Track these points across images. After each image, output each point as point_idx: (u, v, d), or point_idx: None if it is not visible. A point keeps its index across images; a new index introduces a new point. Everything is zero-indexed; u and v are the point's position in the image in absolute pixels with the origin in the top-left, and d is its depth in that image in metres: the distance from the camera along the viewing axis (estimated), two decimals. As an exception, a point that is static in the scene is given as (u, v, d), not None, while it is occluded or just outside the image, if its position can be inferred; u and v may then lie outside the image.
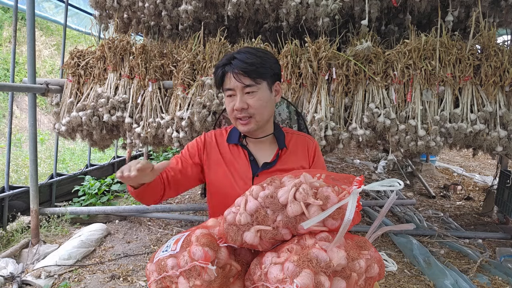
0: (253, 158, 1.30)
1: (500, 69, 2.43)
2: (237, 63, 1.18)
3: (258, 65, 1.19)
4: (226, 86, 1.22)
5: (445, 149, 2.86)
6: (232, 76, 1.18)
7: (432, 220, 3.70)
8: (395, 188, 0.81)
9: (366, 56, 2.56)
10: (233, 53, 1.22)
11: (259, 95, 1.21)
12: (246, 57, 1.19)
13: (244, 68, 1.17)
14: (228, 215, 0.93)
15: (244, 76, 1.18)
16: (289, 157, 1.32)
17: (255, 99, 1.20)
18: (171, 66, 2.82)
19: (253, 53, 1.21)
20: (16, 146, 6.11)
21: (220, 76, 1.22)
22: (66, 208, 3.27)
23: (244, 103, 1.20)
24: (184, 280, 0.87)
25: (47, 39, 9.01)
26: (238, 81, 1.18)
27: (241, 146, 1.32)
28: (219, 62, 1.24)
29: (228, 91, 1.22)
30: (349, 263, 0.80)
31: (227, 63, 1.20)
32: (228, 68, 1.19)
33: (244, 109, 1.20)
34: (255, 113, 1.22)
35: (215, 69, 1.25)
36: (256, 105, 1.21)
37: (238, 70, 1.17)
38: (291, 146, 1.35)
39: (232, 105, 1.22)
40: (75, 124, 2.75)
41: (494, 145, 2.46)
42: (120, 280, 2.40)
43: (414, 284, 2.43)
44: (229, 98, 1.23)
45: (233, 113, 1.23)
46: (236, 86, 1.19)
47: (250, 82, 1.19)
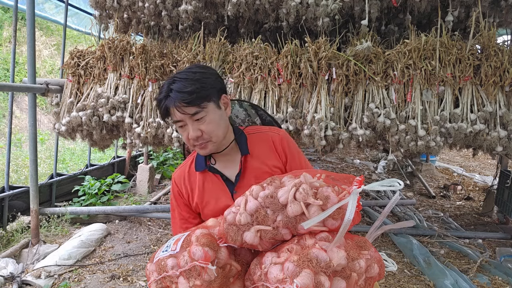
0: (225, 178, 1.25)
1: (500, 69, 2.43)
2: (176, 96, 1.10)
3: (198, 90, 1.12)
4: (173, 119, 1.16)
5: (445, 149, 2.86)
6: (174, 109, 1.12)
7: (432, 220, 3.70)
8: (395, 188, 0.81)
9: (366, 56, 2.56)
10: (169, 82, 1.15)
11: (209, 119, 1.15)
12: (183, 86, 1.11)
13: (184, 99, 1.10)
14: (228, 215, 0.93)
15: (187, 107, 1.11)
16: (254, 161, 1.25)
17: (206, 124, 1.14)
18: (171, 66, 2.81)
19: (190, 79, 1.13)
20: (16, 146, 6.11)
21: (164, 111, 1.15)
22: (66, 208, 3.27)
23: (197, 130, 1.14)
24: (184, 280, 0.87)
25: (47, 39, 9.01)
26: (183, 113, 1.11)
27: (210, 170, 1.26)
28: (158, 95, 1.17)
29: (177, 122, 1.16)
30: (349, 263, 0.80)
31: (165, 98, 1.13)
32: (169, 103, 1.12)
33: (199, 137, 1.15)
34: (211, 136, 1.16)
35: (157, 103, 1.18)
36: (209, 129, 1.15)
37: (179, 103, 1.10)
38: (256, 148, 1.27)
39: (186, 134, 1.17)
40: (75, 124, 2.75)
41: (494, 145, 2.46)
42: (120, 280, 2.40)
43: (414, 284, 2.43)
44: (181, 129, 1.18)
45: (190, 142, 1.18)
46: (183, 117, 1.13)
47: (196, 109, 1.12)
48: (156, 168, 5.20)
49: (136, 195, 4.36)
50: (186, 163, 1.34)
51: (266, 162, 1.25)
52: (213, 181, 1.26)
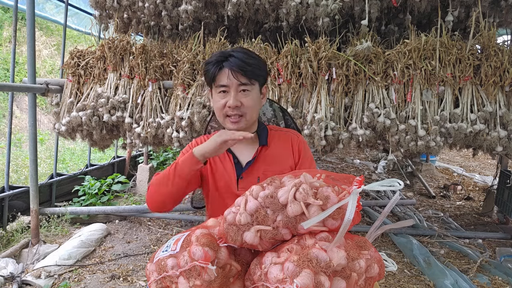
0: (237, 161, 1.30)
1: (500, 69, 2.43)
2: (235, 61, 1.18)
3: (255, 66, 1.21)
4: (219, 82, 1.21)
5: (445, 149, 2.86)
6: (230, 73, 1.18)
7: (432, 220, 3.71)
8: (395, 188, 0.81)
9: (366, 56, 2.56)
10: (227, 51, 1.22)
11: (252, 95, 1.22)
12: (244, 57, 1.19)
13: (243, 67, 1.18)
14: (228, 215, 0.93)
15: (241, 75, 1.18)
16: (270, 154, 1.31)
17: (248, 98, 1.21)
18: (171, 66, 2.82)
19: (249, 54, 1.22)
20: (16, 146, 6.11)
21: (213, 72, 1.20)
22: (66, 208, 3.27)
23: (238, 101, 1.20)
24: (184, 280, 0.87)
25: (47, 39, 9.01)
26: (235, 79, 1.18)
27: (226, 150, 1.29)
28: (211, 58, 1.23)
29: (221, 87, 1.21)
30: (349, 263, 0.80)
31: (223, 60, 1.20)
32: (226, 65, 1.18)
33: (237, 107, 1.20)
34: (246, 112, 1.22)
35: (206, 65, 1.24)
36: (249, 104, 1.22)
37: (236, 67, 1.17)
38: (274, 143, 1.33)
39: (224, 101, 1.21)
40: (75, 124, 2.75)
41: (494, 145, 2.46)
42: (120, 280, 2.40)
43: (414, 284, 2.43)
44: (221, 94, 1.22)
45: (224, 110, 1.22)
46: (232, 83, 1.19)
47: (246, 81, 1.19)
48: (156, 168, 5.20)
49: (136, 195, 4.36)
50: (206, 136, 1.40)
51: (280, 158, 1.31)
52: (225, 160, 1.31)
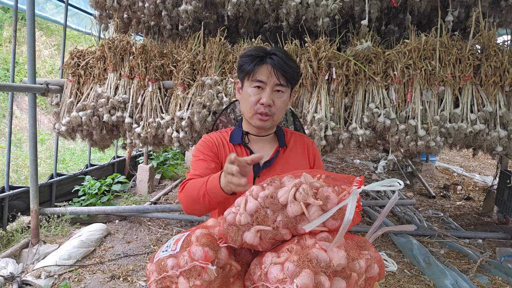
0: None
1: (500, 69, 2.43)
2: (278, 60, 1.18)
3: (294, 69, 1.22)
4: (257, 77, 1.20)
5: (445, 149, 2.86)
6: (272, 70, 1.18)
7: (432, 220, 3.70)
8: (395, 188, 0.81)
9: (366, 56, 2.56)
10: (267, 48, 1.23)
11: (284, 97, 1.24)
12: (285, 58, 1.20)
13: (285, 68, 1.19)
14: (228, 215, 0.93)
15: (281, 75, 1.19)
16: (289, 155, 1.32)
17: (281, 100, 1.23)
18: (171, 66, 2.82)
19: (290, 57, 1.23)
20: (16, 146, 6.11)
21: (253, 65, 1.20)
22: (66, 208, 3.27)
23: (271, 100, 1.21)
24: (184, 280, 0.87)
25: (47, 39, 9.01)
26: (275, 77, 1.19)
27: (244, 146, 1.31)
28: (250, 52, 1.23)
29: (258, 82, 1.20)
30: (349, 263, 0.80)
31: (265, 56, 1.20)
32: (269, 61, 1.19)
33: (269, 106, 1.21)
34: (276, 113, 1.23)
35: (244, 57, 1.23)
36: (280, 105, 1.23)
37: (279, 67, 1.18)
38: (291, 144, 1.35)
39: (257, 98, 1.21)
40: (75, 124, 2.75)
41: (494, 145, 2.46)
42: (120, 280, 2.40)
43: (414, 284, 2.43)
44: (254, 90, 1.21)
45: (256, 107, 1.22)
46: (270, 81, 1.19)
47: (284, 82, 1.21)
48: (156, 168, 5.20)
49: (136, 195, 4.36)
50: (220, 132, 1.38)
51: (299, 161, 1.32)
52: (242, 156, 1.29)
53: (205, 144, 1.31)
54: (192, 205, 1.16)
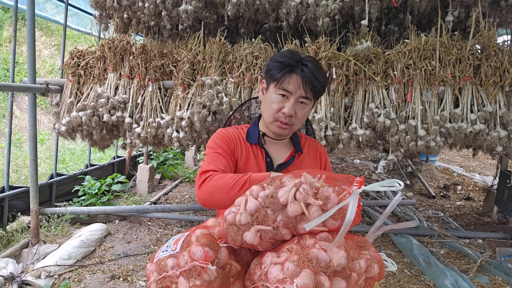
0: (269, 160, 1.30)
1: (500, 69, 2.43)
2: (308, 73, 1.16)
3: (323, 84, 1.21)
4: (285, 87, 1.18)
5: (445, 149, 2.86)
6: (301, 83, 1.17)
7: (432, 220, 3.70)
8: (395, 189, 0.81)
9: (366, 56, 2.56)
10: (299, 54, 1.20)
11: (307, 109, 1.24)
12: (316, 71, 1.17)
13: (314, 83, 1.17)
14: (228, 215, 0.92)
15: (309, 89, 1.18)
16: (303, 161, 1.33)
17: (303, 112, 1.22)
18: (171, 66, 2.82)
19: (320, 69, 1.20)
20: (16, 146, 6.11)
21: (282, 73, 1.17)
22: (66, 208, 3.27)
23: (293, 111, 1.20)
24: (184, 280, 0.87)
25: (48, 39, 9.01)
26: (303, 90, 1.17)
27: (260, 146, 1.31)
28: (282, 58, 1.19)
29: (284, 91, 1.19)
30: (349, 263, 0.80)
31: (296, 65, 1.17)
32: (300, 73, 1.17)
33: (291, 116, 1.21)
34: (295, 123, 1.23)
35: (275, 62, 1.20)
36: (301, 117, 1.23)
37: (308, 81, 1.16)
38: (306, 150, 1.36)
39: (280, 106, 1.20)
40: (75, 124, 2.75)
41: (494, 145, 2.46)
42: (120, 280, 2.40)
43: (414, 284, 2.43)
44: (280, 97, 1.20)
45: (277, 114, 1.21)
46: (297, 93, 1.18)
47: (310, 96, 1.20)
48: (156, 168, 5.20)
49: (136, 195, 4.36)
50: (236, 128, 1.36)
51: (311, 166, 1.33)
52: (258, 156, 1.30)
53: (223, 138, 1.29)
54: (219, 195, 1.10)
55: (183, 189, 4.80)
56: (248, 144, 1.32)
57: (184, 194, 4.57)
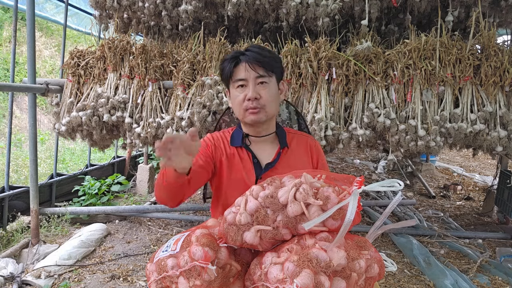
0: (256, 161, 1.29)
1: (500, 69, 2.43)
2: (251, 54, 1.21)
3: (271, 58, 1.24)
4: (237, 77, 1.22)
5: (445, 149, 2.86)
6: (247, 65, 1.20)
7: (432, 220, 3.70)
8: (395, 189, 0.81)
9: (366, 56, 2.56)
10: (241, 50, 1.26)
11: (270, 88, 1.24)
12: (259, 50, 1.22)
13: (259, 59, 1.20)
14: (228, 215, 0.93)
15: (258, 66, 1.20)
16: (290, 156, 1.31)
17: (266, 91, 1.23)
18: (171, 66, 2.81)
19: (264, 48, 1.26)
20: (16, 146, 6.11)
21: (229, 68, 1.22)
22: (66, 208, 3.27)
23: (256, 93, 1.21)
24: (184, 280, 0.87)
25: (48, 40, 9.00)
26: (253, 70, 1.20)
27: (245, 147, 1.30)
28: (227, 56, 1.25)
29: (239, 81, 1.22)
30: (349, 263, 0.80)
31: (238, 55, 1.22)
32: (243, 58, 1.21)
33: (256, 99, 1.21)
34: (265, 104, 1.23)
35: (223, 62, 1.26)
36: (267, 96, 1.23)
37: (253, 60, 1.20)
38: (293, 145, 1.34)
39: (243, 95, 1.22)
40: (75, 124, 2.75)
41: (494, 145, 2.46)
42: (120, 280, 2.40)
43: (414, 284, 2.43)
44: (240, 89, 1.23)
45: (244, 104, 1.22)
46: (249, 76, 1.20)
47: (264, 72, 1.21)
48: (156, 168, 5.20)
49: (136, 195, 4.36)
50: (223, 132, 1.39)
51: (301, 161, 1.32)
52: (244, 159, 1.30)
53: (203, 142, 1.33)
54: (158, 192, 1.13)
55: (183, 189, 4.79)
56: (233, 148, 1.32)
57: (184, 194, 4.56)
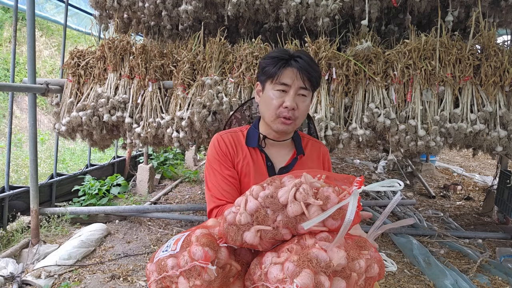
0: (270, 164, 1.27)
1: (500, 69, 2.43)
2: (303, 64, 1.17)
3: (319, 74, 1.22)
4: (282, 80, 1.17)
5: (445, 149, 2.86)
6: (298, 74, 1.16)
7: (432, 220, 3.70)
8: (395, 189, 0.81)
9: (366, 56, 2.56)
10: (290, 50, 1.21)
11: (307, 102, 1.22)
12: (310, 62, 1.18)
13: (310, 72, 1.17)
14: (228, 215, 0.93)
15: (307, 79, 1.17)
16: (305, 163, 1.30)
17: (304, 104, 1.21)
18: (171, 66, 2.82)
19: (314, 61, 1.22)
20: (16, 146, 6.11)
21: (277, 68, 1.17)
22: (66, 208, 3.27)
23: (295, 103, 1.18)
24: (184, 280, 0.87)
25: (48, 40, 9.01)
26: (301, 80, 1.17)
27: (260, 150, 1.28)
28: (273, 54, 1.20)
29: (283, 85, 1.18)
30: (349, 263, 0.80)
31: (290, 59, 1.18)
32: (295, 65, 1.17)
33: (293, 110, 1.18)
34: (299, 117, 1.21)
35: (267, 59, 1.20)
36: (303, 109, 1.21)
37: (305, 70, 1.17)
38: (308, 151, 1.33)
39: (280, 101, 1.18)
40: (75, 124, 2.75)
41: (494, 145, 2.46)
42: (120, 280, 2.40)
43: (414, 284, 2.43)
44: (278, 93, 1.18)
45: (278, 110, 1.19)
46: (295, 84, 1.17)
47: (309, 86, 1.19)
48: (156, 168, 5.20)
49: (136, 195, 4.36)
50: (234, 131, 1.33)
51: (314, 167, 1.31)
52: (258, 161, 1.28)
53: (220, 151, 1.27)
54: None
55: (183, 189, 4.80)
56: (247, 148, 1.29)
57: (184, 194, 4.57)
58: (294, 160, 1.29)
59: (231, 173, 1.24)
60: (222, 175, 1.24)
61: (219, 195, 1.22)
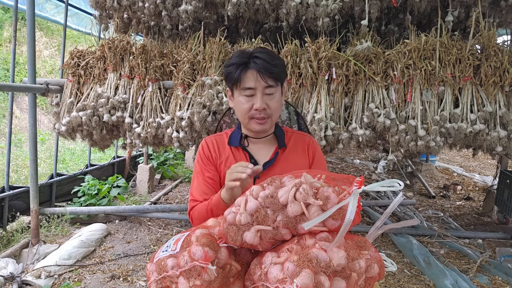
0: (254, 161, 1.29)
1: (500, 69, 2.43)
2: (262, 63, 1.17)
3: (280, 67, 1.21)
4: (245, 85, 1.19)
5: (445, 149, 2.86)
6: (258, 75, 1.17)
7: (432, 220, 3.70)
8: (395, 189, 0.81)
9: (366, 56, 2.56)
10: (248, 51, 1.21)
11: (277, 97, 1.23)
12: (268, 58, 1.18)
13: (270, 69, 1.17)
14: (228, 215, 0.93)
15: (268, 77, 1.17)
16: (288, 156, 1.31)
17: (274, 101, 1.21)
18: (171, 66, 2.81)
19: (273, 55, 1.21)
20: (16, 146, 6.11)
21: (238, 74, 1.18)
22: (66, 208, 3.27)
23: (264, 103, 1.19)
24: (184, 280, 0.87)
25: (48, 40, 9.01)
26: (263, 81, 1.17)
27: (242, 148, 1.31)
28: (233, 60, 1.21)
29: (247, 90, 1.19)
30: (349, 263, 0.80)
31: (249, 61, 1.18)
32: (253, 66, 1.17)
33: (264, 110, 1.20)
34: (272, 114, 1.23)
35: (229, 66, 1.22)
36: (275, 106, 1.22)
37: (264, 69, 1.17)
38: (291, 144, 1.34)
39: (250, 105, 1.20)
40: (75, 124, 2.75)
41: (494, 145, 2.46)
42: (120, 280, 2.40)
43: (414, 284, 2.43)
44: (246, 98, 1.20)
45: (250, 113, 1.21)
46: (259, 85, 1.18)
47: (273, 83, 1.19)
48: (156, 168, 5.20)
49: (136, 195, 4.36)
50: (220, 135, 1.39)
51: (298, 161, 1.32)
52: (241, 159, 1.30)
53: (203, 154, 1.33)
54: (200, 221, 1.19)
55: (183, 189, 4.80)
56: (230, 148, 1.32)
57: (184, 194, 4.57)
58: (276, 154, 1.30)
59: (211, 175, 1.30)
60: (203, 178, 1.30)
61: (198, 196, 1.28)
